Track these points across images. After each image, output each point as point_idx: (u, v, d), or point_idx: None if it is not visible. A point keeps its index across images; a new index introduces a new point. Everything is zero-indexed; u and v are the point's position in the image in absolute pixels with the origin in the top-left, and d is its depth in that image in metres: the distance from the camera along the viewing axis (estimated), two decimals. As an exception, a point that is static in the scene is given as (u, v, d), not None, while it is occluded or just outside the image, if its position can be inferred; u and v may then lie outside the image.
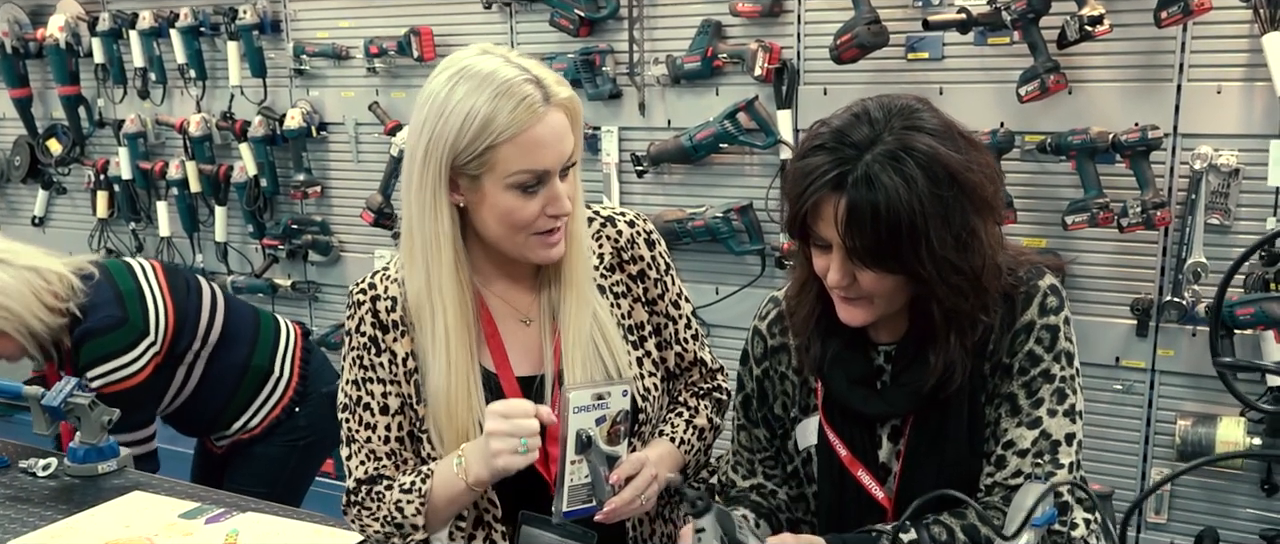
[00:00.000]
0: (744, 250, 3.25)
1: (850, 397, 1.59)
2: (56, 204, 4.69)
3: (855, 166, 1.39)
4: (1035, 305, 1.53)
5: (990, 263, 1.46)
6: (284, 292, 4.16)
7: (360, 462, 1.76)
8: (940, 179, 1.39)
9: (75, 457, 2.36)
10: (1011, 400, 1.54)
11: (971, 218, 1.42)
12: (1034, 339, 1.52)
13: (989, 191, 1.44)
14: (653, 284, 1.80)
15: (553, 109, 1.58)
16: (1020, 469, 1.51)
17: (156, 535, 2.08)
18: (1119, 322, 2.87)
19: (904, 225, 1.38)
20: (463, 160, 1.57)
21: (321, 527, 2.11)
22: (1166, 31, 2.64)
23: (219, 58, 4.07)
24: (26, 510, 2.20)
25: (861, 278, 1.46)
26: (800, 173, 1.45)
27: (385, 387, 1.74)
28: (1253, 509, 2.80)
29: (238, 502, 2.24)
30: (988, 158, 1.48)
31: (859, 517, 1.59)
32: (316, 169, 4.02)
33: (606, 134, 3.41)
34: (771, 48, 3.10)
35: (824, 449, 1.62)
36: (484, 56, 1.60)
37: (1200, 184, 2.67)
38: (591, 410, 1.61)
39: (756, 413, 1.75)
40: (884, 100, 1.47)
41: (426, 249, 1.64)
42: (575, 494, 1.63)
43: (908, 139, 1.40)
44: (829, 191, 1.41)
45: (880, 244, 1.40)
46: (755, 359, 1.74)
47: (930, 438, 1.56)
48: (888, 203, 1.37)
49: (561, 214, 1.63)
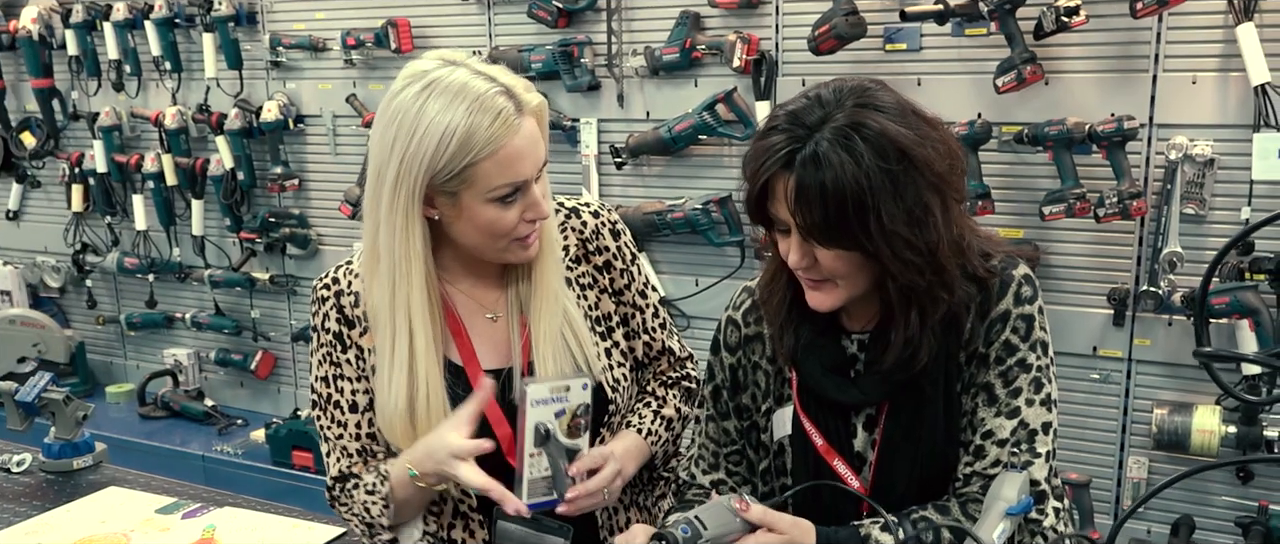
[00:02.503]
0: (723, 242, 3.25)
1: (824, 384, 1.59)
2: (31, 198, 4.65)
3: (805, 145, 1.41)
4: (1010, 295, 1.53)
5: (948, 240, 1.47)
6: (262, 285, 4.14)
7: (336, 459, 1.77)
8: (889, 154, 1.40)
9: (50, 452, 2.34)
10: (988, 390, 1.55)
11: (925, 194, 1.43)
12: (1010, 329, 1.53)
13: (943, 167, 1.44)
14: (619, 274, 1.80)
15: (525, 118, 1.57)
16: (999, 459, 1.52)
17: (133, 531, 2.07)
18: (1096, 311, 2.88)
19: (851, 201, 1.39)
20: (440, 179, 1.55)
21: (299, 521, 2.11)
22: (1142, 22, 2.66)
23: (194, 50, 4.04)
24: (0, 507, 2.18)
25: (821, 257, 1.47)
26: (755, 154, 1.47)
27: (352, 384, 1.74)
28: (1229, 497, 2.82)
29: (215, 497, 2.23)
30: (945, 135, 1.48)
31: (835, 507, 1.59)
32: (294, 162, 4.00)
33: (585, 126, 3.41)
34: (750, 39, 3.10)
35: (798, 439, 1.62)
36: (450, 68, 1.56)
37: (1176, 174, 2.68)
38: (550, 404, 1.61)
39: (727, 403, 1.74)
40: (838, 83, 1.48)
41: (394, 268, 1.61)
42: (535, 487, 1.63)
43: (857, 116, 1.42)
44: (779, 170, 1.43)
45: (829, 221, 1.41)
46: (728, 348, 1.73)
47: (906, 427, 1.56)
48: (835, 179, 1.39)
49: (540, 218, 1.63)
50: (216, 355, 4.33)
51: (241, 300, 4.25)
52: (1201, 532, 2.85)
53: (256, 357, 4.23)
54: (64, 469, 2.33)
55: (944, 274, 1.47)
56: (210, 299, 4.28)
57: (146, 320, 4.43)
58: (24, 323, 4.46)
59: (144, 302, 4.42)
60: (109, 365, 4.72)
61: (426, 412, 1.65)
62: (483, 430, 1.67)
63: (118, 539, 2.04)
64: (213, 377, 4.43)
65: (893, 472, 1.56)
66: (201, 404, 4.24)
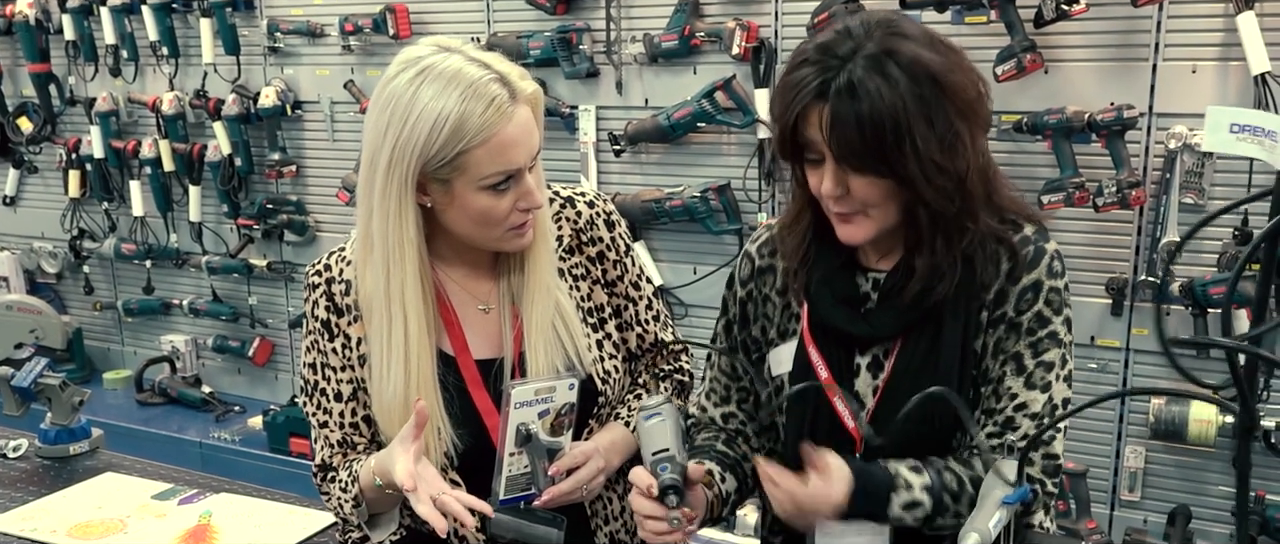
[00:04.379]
0: (722, 230, 3.25)
1: (834, 316, 1.58)
2: (28, 183, 4.64)
3: (838, 74, 1.41)
4: (1043, 266, 1.53)
5: (975, 168, 1.47)
6: (259, 272, 4.14)
7: (320, 447, 1.77)
8: (922, 79, 1.41)
9: (46, 438, 2.34)
10: (1017, 360, 1.53)
11: (955, 121, 1.43)
12: (1043, 300, 1.52)
13: (971, 95, 1.45)
14: (612, 266, 1.79)
15: (519, 106, 1.56)
16: (1028, 433, 1.51)
17: (129, 517, 2.07)
18: (1094, 300, 2.88)
19: (888, 127, 1.40)
20: (433, 166, 1.54)
21: (295, 507, 2.11)
22: (1142, 11, 2.65)
23: (192, 35, 4.03)
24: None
25: (854, 186, 1.46)
26: (786, 87, 1.46)
27: (338, 373, 1.73)
28: (1225, 487, 2.82)
29: (211, 483, 2.23)
30: (970, 64, 1.49)
31: (827, 446, 1.56)
32: (292, 148, 3.99)
33: (583, 113, 3.40)
34: (749, 26, 3.09)
35: (799, 375, 1.61)
36: (444, 54, 1.56)
37: (1175, 164, 2.68)
38: (534, 405, 1.61)
39: (737, 337, 1.73)
40: (865, 15, 1.49)
41: (388, 255, 1.61)
42: (514, 484, 1.64)
43: (890, 43, 1.42)
44: (813, 100, 1.43)
45: (866, 147, 1.41)
46: (741, 281, 1.73)
47: (917, 369, 1.54)
48: (872, 106, 1.39)
49: (533, 207, 1.62)
50: (214, 342, 4.33)
51: (239, 287, 4.25)
52: (1198, 521, 2.85)
53: (254, 343, 4.23)
54: (60, 455, 2.33)
55: (971, 201, 1.48)
56: (207, 285, 4.28)
57: (144, 306, 4.43)
58: (21, 309, 4.45)
59: (141, 288, 4.42)
60: (106, 351, 4.71)
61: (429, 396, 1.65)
62: (474, 422, 1.68)
63: (114, 525, 2.04)
64: (210, 363, 4.43)
65: (893, 416, 1.53)
66: (199, 391, 4.24)
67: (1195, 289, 2.67)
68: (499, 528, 1.66)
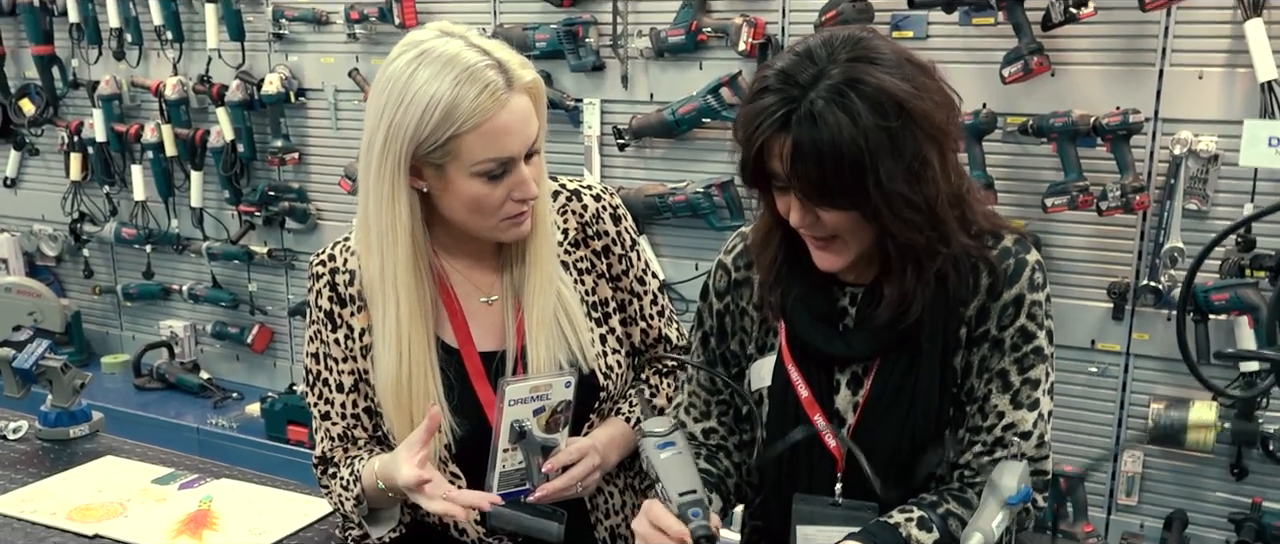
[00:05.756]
0: (725, 226, 3.25)
1: (811, 334, 1.55)
2: (29, 165, 4.63)
3: (800, 105, 1.37)
4: (1024, 280, 1.50)
5: (946, 193, 1.43)
6: (260, 259, 4.13)
7: (321, 438, 1.77)
8: (887, 110, 1.36)
9: (46, 420, 2.33)
10: (1003, 377, 1.52)
11: (923, 147, 1.39)
12: (1026, 315, 1.51)
13: (940, 119, 1.41)
14: (617, 260, 1.78)
15: (516, 93, 1.54)
16: (1022, 453, 1.48)
17: (129, 500, 2.07)
18: (1095, 304, 2.88)
19: (848, 161, 1.35)
20: (425, 149, 1.54)
21: (296, 494, 2.10)
22: (1150, 16, 2.65)
23: (196, 20, 4.01)
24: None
25: (823, 216, 1.43)
26: (748, 116, 1.42)
27: (340, 364, 1.73)
28: (1222, 493, 2.83)
29: (212, 468, 2.23)
30: (940, 84, 1.45)
31: (809, 464, 1.57)
32: (295, 135, 3.98)
33: (588, 106, 3.39)
34: (756, 23, 3.09)
35: (779, 391, 1.60)
36: (445, 38, 1.55)
37: (1180, 169, 2.68)
38: (529, 402, 1.60)
39: (714, 351, 1.70)
40: (828, 35, 1.44)
41: (382, 239, 1.61)
42: (507, 479, 1.63)
43: (853, 72, 1.37)
44: (775, 132, 1.39)
45: (827, 184, 1.38)
46: (717, 293, 1.69)
47: (895, 388, 1.53)
48: (832, 139, 1.35)
49: (528, 199, 1.61)
50: (213, 328, 4.32)
51: (239, 274, 4.24)
52: (1194, 527, 2.85)
53: (253, 330, 4.22)
54: (60, 437, 2.32)
55: (942, 227, 1.44)
56: (208, 272, 4.27)
57: (143, 291, 4.43)
58: (20, 291, 4.43)
59: (141, 272, 4.42)
60: (105, 336, 4.71)
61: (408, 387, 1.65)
62: (476, 414, 1.68)
63: (114, 508, 2.03)
64: (209, 349, 4.43)
65: (874, 434, 1.53)
66: (197, 377, 4.23)
67: (1197, 295, 2.67)
68: (499, 521, 1.66)
